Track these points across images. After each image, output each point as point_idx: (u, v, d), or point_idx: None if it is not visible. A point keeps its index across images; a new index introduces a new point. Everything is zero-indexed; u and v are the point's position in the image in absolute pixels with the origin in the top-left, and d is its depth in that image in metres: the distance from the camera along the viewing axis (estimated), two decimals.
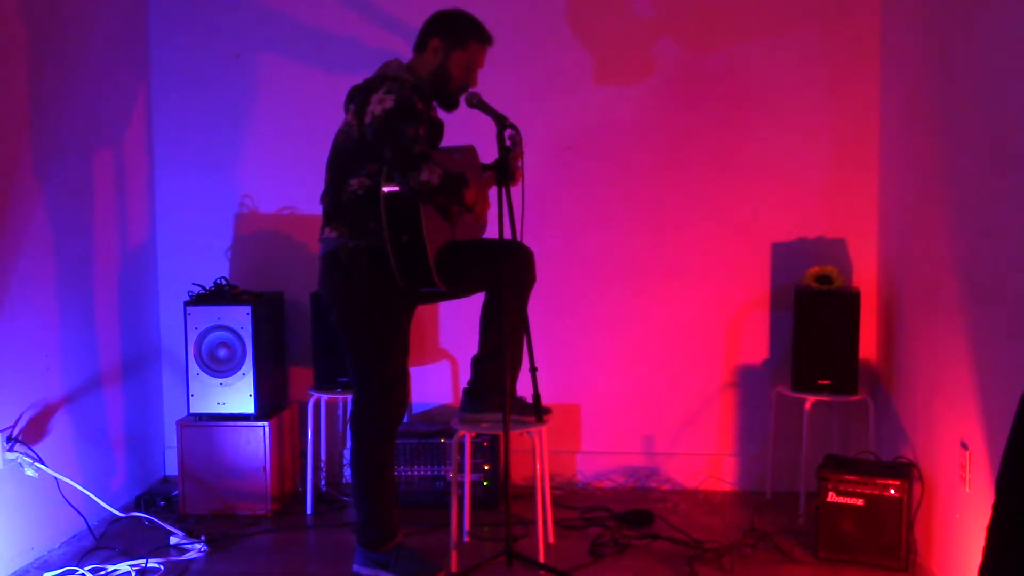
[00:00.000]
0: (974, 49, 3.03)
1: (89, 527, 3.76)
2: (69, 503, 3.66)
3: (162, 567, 3.49)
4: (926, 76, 3.55)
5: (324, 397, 4.17)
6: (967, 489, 3.00)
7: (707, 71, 4.22)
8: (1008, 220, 2.73)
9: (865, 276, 4.17)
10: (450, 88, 3.28)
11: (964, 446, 3.01)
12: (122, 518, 3.86)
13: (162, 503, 4.12)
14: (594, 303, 4.36)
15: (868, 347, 4.10)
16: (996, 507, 1.89)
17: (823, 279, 3.96)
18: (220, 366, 4.02)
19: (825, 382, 3.90)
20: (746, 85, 4.21)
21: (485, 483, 4.08)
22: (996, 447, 2.63)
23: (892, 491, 3.40)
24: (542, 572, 3.39)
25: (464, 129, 3.42)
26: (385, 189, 3.05)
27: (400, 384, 3.29)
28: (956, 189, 3.19)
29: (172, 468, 4.37)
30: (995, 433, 2.76)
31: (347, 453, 4.22)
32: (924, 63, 3.59)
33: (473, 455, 3.95)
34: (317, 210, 3.32)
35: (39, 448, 3.52)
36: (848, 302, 3.89)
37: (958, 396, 3.07)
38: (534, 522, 3.56)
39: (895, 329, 3.91)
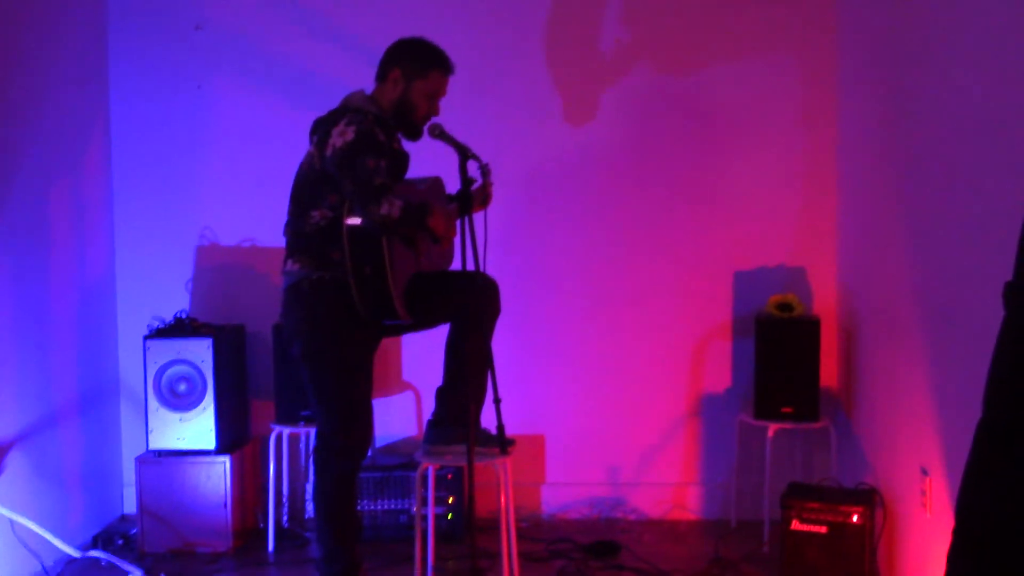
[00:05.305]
0: (926, 80, 3.10)
1: (44, 568, 3.68)
2: (23, 544, 3.58)
3: None
4: (880, 105, 3.62)
5: (286, 431, 4.13)
6: (928, 515, 3.02)
7: (671, 101, 4.27)
8: (961, 247, 2.77)
9: (825, 303, 4.21)
10: (413, 118, 3.27)
11: (924, 472, 3.04)
12: (79, 558, 3.78)
13: (120, 542, 4.04)
14: (557, 333, 4.36)
15: (829, 374, 4.14)
16: (956, 533, 1.90)
17: (784, 307, 3.99)
18: (180, 400, 3.97)
19: (787, 410, 3.93)
20: (708, 116, 4.26)
21: (449, 516, 4.05)
22: (955, 472, 2.66)
23: (855, 518, 3.42)
24: None
25: (432, 160, 3.41)
26: (348, 221, 3.04)
27: (364, 417, 3.26)
28: (911, 217, 3.24)
29: (131, 506, 4.29)
30: (954, 458, 2.78)
31: (310, 487, 4.18)
32: (878, 93, 3.65)
33: (437, 488, 3.92)
34: (279, 242, 3.30)
35: None
36: (809, 329, 3.93)
37: (918, 422, 3.11)
38: (499, 555, 3.53)
39: (855, 356, 3.95)
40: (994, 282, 1.72)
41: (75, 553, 3.77)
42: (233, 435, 4.14)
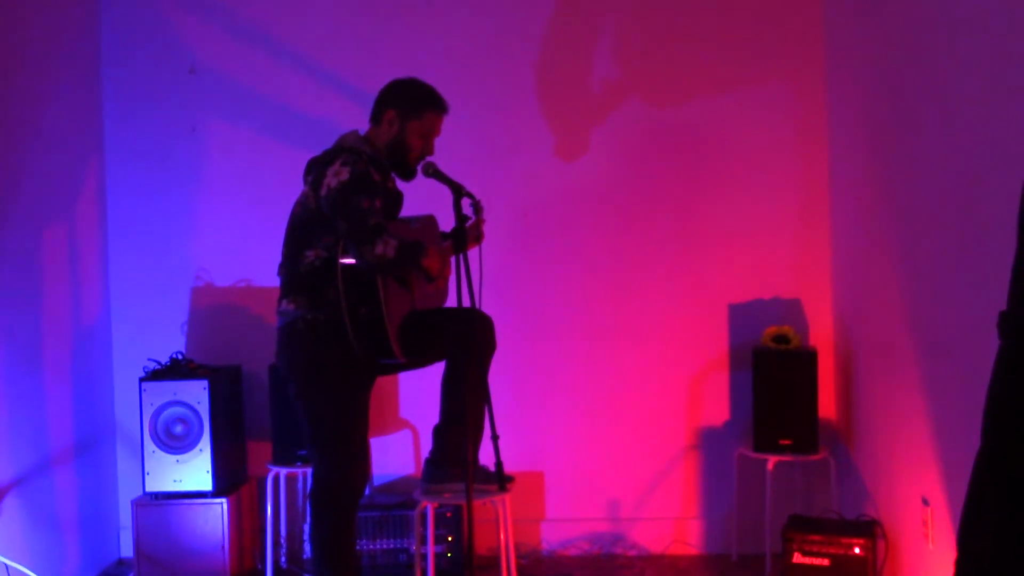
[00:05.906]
0: (917, 108, 3.12)
1: None
2: None
3: None
4: (871, 134, 3.64)
5: (283, 471, 4.10)
6: (930, 545, 3.00)
7: (662, 135, 4.29)
8: (956, 276, 2.78)
9: (821, 335, 4.21)
10: (408, 158, 3.28)
11: (925, 502, 3.02)
12: None
13: None
14: (554, 369, 4.35)
15: (827, 405, 4.13)
16: (958, 564, 1.89)
17: (780, 339, 3.99)
18: (176, 442, 3.95)
19: (786, 442, 3.91)
20: (700, 149, 4.28)
21: (449, 555, 4.01)
22: (956, 502, 2.64)
23: (857, 550, 3.40)
24: None
25: (426, 198, 3.42)
26: (343, 261, 3.05)
27: (361, 457, 3.24)
28: (905, 247, 3.25)
29: (127, 549, 4.25)
30: (955, 488, 2.77)
31: (307, 528, 4.15)
32: (869, 122, 3.68)
33: (436, 526, 3.89)
34: (273, 282, 3.30)
35: None
36: (806, 361, 3.92)
37: (918, 451, 3.10)
38: None
39: (853, 387, 3.94)
40: (989, 311, 1.73)
41: None
42: (230, 476, 4.11)
